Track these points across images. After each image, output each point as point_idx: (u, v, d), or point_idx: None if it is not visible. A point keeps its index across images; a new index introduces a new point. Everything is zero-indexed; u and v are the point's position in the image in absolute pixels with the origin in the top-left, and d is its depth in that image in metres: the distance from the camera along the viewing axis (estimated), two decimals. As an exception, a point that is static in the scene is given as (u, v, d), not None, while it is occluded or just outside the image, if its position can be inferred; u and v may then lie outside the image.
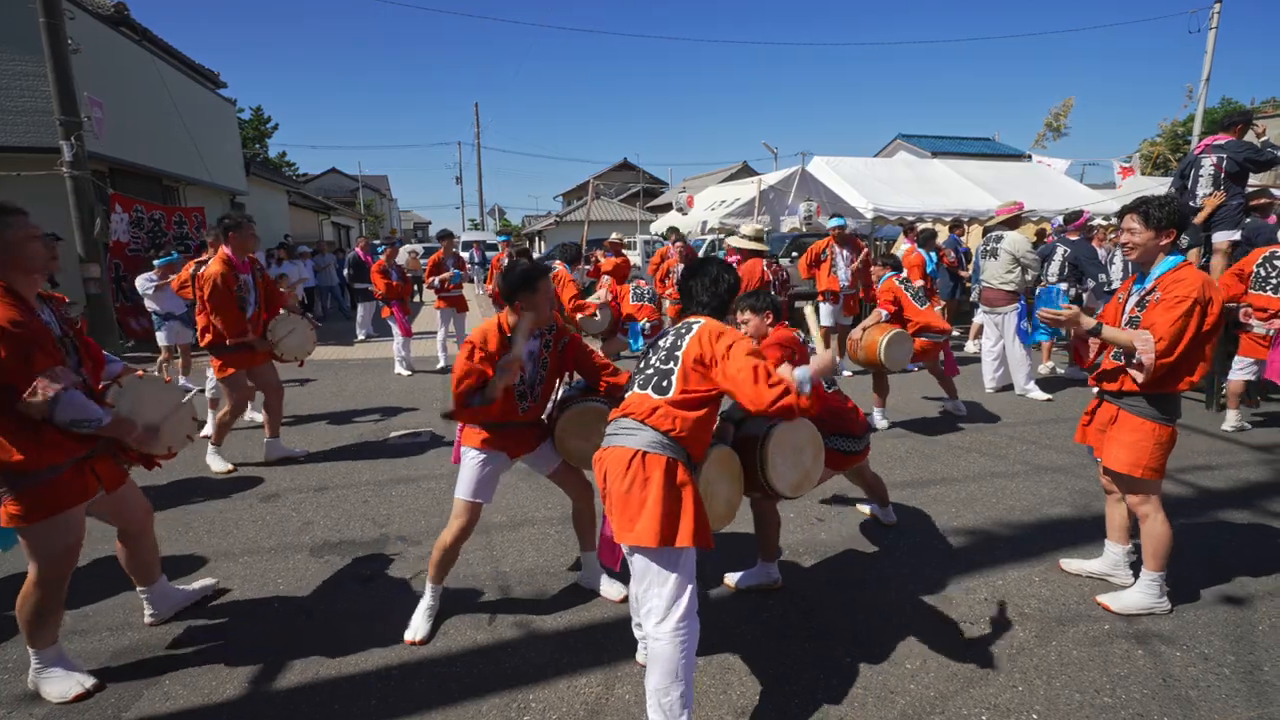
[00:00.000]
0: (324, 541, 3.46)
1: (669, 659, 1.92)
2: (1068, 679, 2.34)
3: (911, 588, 2.96)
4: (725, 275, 2.23)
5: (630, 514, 1.93)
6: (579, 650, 2.52)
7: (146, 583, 2.66)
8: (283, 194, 20.33)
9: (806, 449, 2.42)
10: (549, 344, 2.66)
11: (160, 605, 2.70)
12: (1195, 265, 2.57)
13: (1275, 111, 21.77)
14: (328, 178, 42.25)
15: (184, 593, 2.81)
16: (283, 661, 2.48)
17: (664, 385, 2.04)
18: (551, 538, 3.45)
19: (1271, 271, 4.86)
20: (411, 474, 4.45)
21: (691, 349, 2.03)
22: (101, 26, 10.09)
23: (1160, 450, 2.60)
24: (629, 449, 1.99)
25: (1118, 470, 2.67)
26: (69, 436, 2.12)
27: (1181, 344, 2.44)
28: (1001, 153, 26.98)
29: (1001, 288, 6.14)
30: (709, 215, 10.88)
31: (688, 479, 1.99)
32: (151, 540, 2.65)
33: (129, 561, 2.61)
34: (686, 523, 1.92)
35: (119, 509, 2.48)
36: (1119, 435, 2.66)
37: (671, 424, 1.98)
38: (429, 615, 2.67)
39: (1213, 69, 13.96)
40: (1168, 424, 2.60)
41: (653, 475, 1.94)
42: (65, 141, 8.05)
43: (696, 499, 1.99)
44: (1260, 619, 2.69)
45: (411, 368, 7.84)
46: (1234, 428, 5.14)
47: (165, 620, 2.70)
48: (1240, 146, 5.35)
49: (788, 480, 2.37)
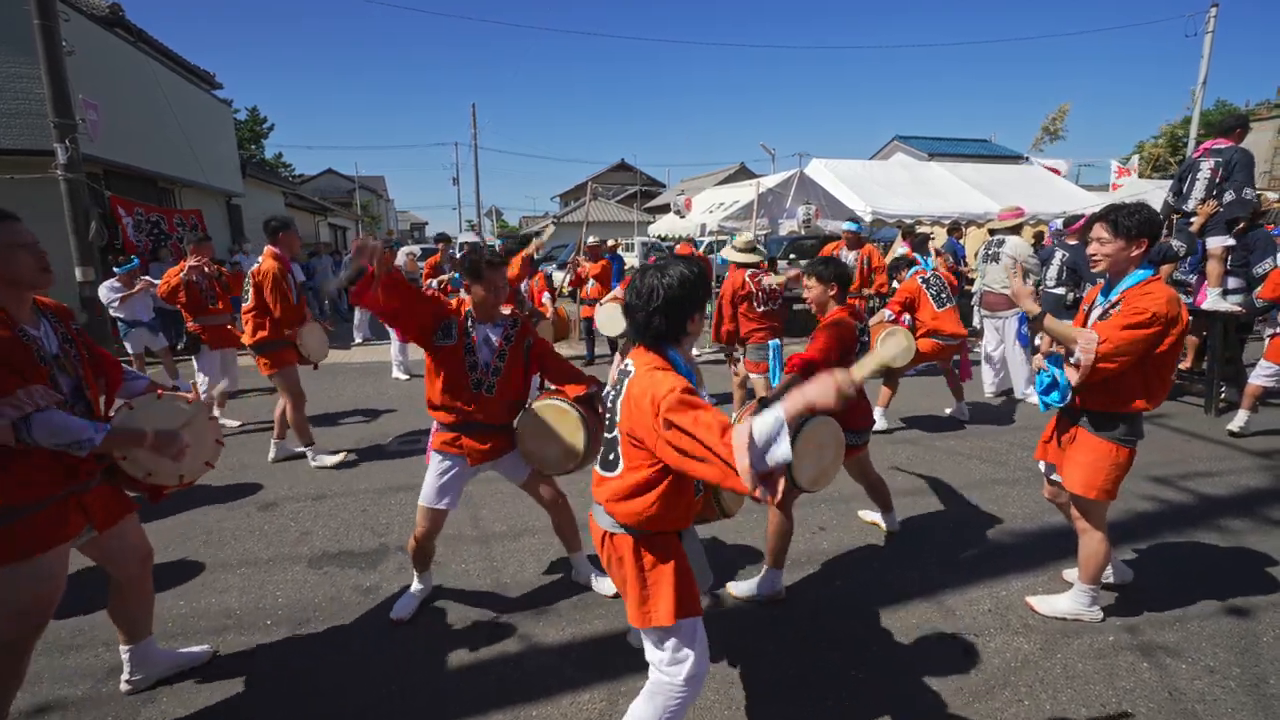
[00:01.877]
0: (323, 552, 3.43)
1: (652, 698, 1.77)
2: (1074, 693, 2.33)
3: (915, 598, 2.94)
4: (660, 280, 1.68)
5: (618, 589, 1.85)
6: (582, 664, 2.50)
7: (131, 639, 2.33)
8: (279, 195, 20.27)
9: (829, 446, 2.37)
10: (510, 337, 2.71)
11: (142, 668, 2.36)
12: (1165, 281, 2.49)
13: (1270, 114, 21.85)
14: (324, 178, 42.05)
15: (173, 657, 2.47)
16: (280, 676, 2.45)
17: (610, 459, 1.78)
18: (553, 548, 3.42)
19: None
20: (411, 481, 4.41)
21: (625, 420, 1.70)
22: (96, 28, 10.03)
23: (1116, 472, 2.54)
24: (600, 527, 1.85)
25: (1071, 490, 2.63)
26: (51, 470, 1.90)
27: (1128, 356, 2.35)
28: (998, 154, 27.05)
29: (1003, 292, 6.14)
30: (707, 218, 10.87)
31: (664, 553, 1.76)
32: (146, 593, 2.33)
33: (114, 610, 2.29)
34: (663, 604, 1.71)
35: (110, 553, 2.18)
36: (1076, 454, 2.61)
37: (624, 515, 1.74)
38: (415, 598, 2.88)
39: (1210, 72, 14.02)
40: (1126, 445, 2.54)
41: (624, 556, 1.78)
42: (60, 144, 7.98)
43: (675, 571, 1.74)
44: (1264, 630, 2.68)
45: (410, 371, 7.80)
46: (1240, 428, 5.11)
47: (144, 688, 2.36)
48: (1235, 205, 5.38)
49: (808, 475, 2.32)
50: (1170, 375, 2.52)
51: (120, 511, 2.17)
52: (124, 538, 2.21)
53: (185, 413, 2.27)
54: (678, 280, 1.68)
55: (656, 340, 1.72)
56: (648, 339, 1.73)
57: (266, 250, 4.49)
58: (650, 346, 1.73)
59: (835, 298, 3.01)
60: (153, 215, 9.93)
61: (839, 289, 2.99)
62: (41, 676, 2.43)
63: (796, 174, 10.37)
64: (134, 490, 2.22)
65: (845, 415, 2.95)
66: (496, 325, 2.69)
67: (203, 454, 2.32)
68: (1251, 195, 5.51)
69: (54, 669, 2.47)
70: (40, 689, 2.37)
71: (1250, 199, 5.43)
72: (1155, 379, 2.46)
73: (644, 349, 1.74)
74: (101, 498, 2.10)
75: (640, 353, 1.74)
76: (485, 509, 3.88)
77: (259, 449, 5.15)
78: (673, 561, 1.76)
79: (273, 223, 4.59)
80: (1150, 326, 2.32)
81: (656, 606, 1.72)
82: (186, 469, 2.25)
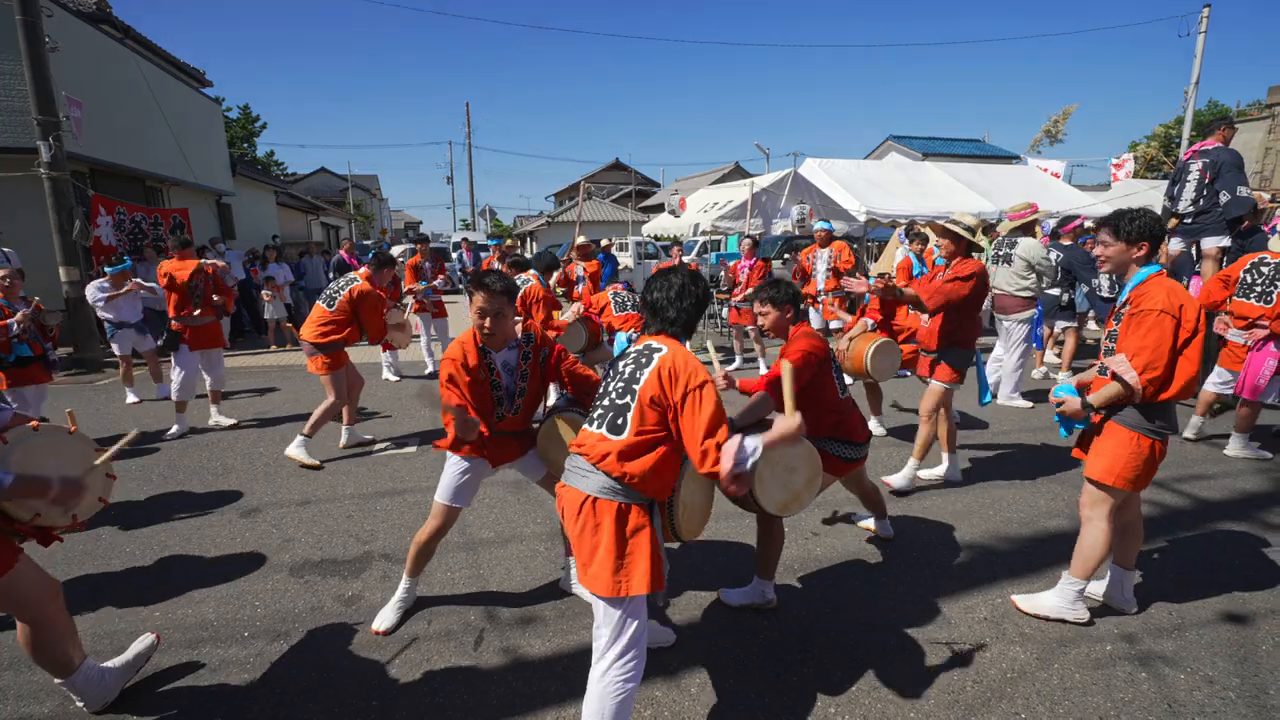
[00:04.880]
0: (305, 560, 3.35)
1: (597, 700, 1.84)
2: (1071, 704, 2.28)
3: (910, 606, 2.89)
4: (693, 286, 2.06)
5: (584, 558, 1.89)
6: (568, 678, 2.43)
7: (63, 675, 2.15)
8: (271, 194, 20.07)
9: (800, 470, 2.33)
10: (528, 355, 2.66)
11: (92, 693, 2.19)
12: (1167, 274, 2.56)
13: (1260, 115, 21.94)
14: (317, 177, 41.76)
15: (118, 669, 2.30)
16: (258, 689, 2.37)
17: (619, 424, 1.91)
18: (540, 555, 3.36)
19: (1257, 278, 4.69)
20: (397, 486, 4.34)
21: (649, 386, 1.88)
22: (81, 24, 9.88)
23: (1138, 461, 2.52)
24: (580, 493, 1.91)
25: (1090, 476, 2.63)
26: None
27: (1162, 355, 2.40)
28: (991, 154, 27.11)
29: (1017, 294, 6.06)
30: (701, 217, 10.81)
31: (643, 522, 1.89)
32: (63, 626, 2.11)
33: (35, 655, 2.08)
34: (638, 572, 1.83)
35: (14, 600, 1.98)
36: (1101, 443, 2.63)
37: (623, 472, 1.87)
38: (399, 607, 2.77)
39: (1203, 73, 14.05)
40: (1153, 435, 2.52)
41: (603, 522, 1.87)
42: (43, 142, 7.88)
43: (652, 542, 1.88)
44: (1263, 638, 2.64)
45: (400, 373, 7.71)
46: (1195, 434, 5.08)
47: (105, 707, 2.24)
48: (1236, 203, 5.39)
49: (774, 500, 2.29)
50: (1195, 364, 2.47)
51: (11, 558, 1.95)
52: (21, 578, 1.98)
53: (73, 442, 2.10)
54: (703, 287, 2.10)
55: (684, 330, 2.05)
56: (675, 329, 2.04)
57: (363, 272, 4.89)
58: (681, 334, 2.04)
59: (792, 319, 2.92)
60: (135, 214, 9.79)
61: (794, 309, 2.92)
62: (6, 693, 2.34)
63: (790, 174, 10.33)
64: (16, 534, 1.99)
65: (845, 430, 2.90)
66: (511, 348, 2.63)
67: (97, 490, 2.14)
68: (1247, 193, 5.49)
69: (19, 685, 2.38)
70: (4, 706, 2.28)
71: (1247, 196, 5.41)
72: (1186, 362, 2.45)
73: (667, 336, 2.02)
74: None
75: (664, 338, 2.01)
76: (472, 515, 3.80)
77: (244, 451, 5.07)
78: (649, 533, 1.89)
79: (381, 256, 5.09)
80: (1159, 321, 2.39)
81: (631, 576, 1.83)
82: (81, 508, 2.05)
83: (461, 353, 2.50)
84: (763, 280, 3.88)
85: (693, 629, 2.74)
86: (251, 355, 9.51)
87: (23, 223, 8.86)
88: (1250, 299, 4.68)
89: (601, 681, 1.85)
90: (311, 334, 4.63)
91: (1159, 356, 2.40)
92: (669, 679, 2.42)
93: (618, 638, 1.85)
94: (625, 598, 1.83)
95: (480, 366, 2.53)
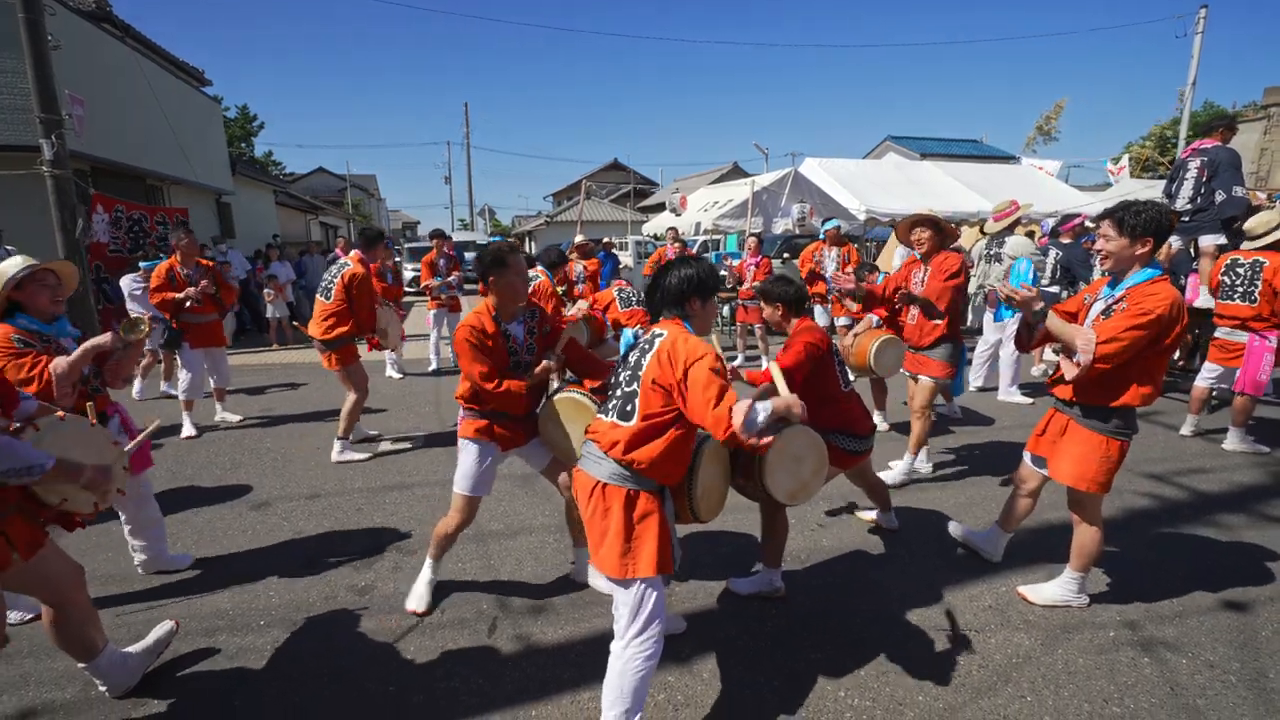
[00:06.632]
0: (316, 551, 3.38)
1: (617, 676, 1.93)
2: (1075, 688, 2.32)
3: (916, 595, 2.93)
4: (682, 270, 2.10)
5: (595, 540, 1.98)
6: (581, 664, 2.47)
7: (86, 659, 2.20)
8: (270, 194, 20.04)
9: (808, 459, 2.37)
10: (533, 330, 2.76)
11: (115, 677, 2.25)
12: (1170, 282, 2.50)
13: (1256, 116, 22.07)
14: (315, 177, 41.69)
15: (139, 654, 2.36)
16: (275, 675, 2.41)
17: (628, 410, 1.98)
18: (550, 546, 3.40)
19: (1236, 280, 4.73)
20: (404, 480, 4.38)
21: (651, 369, 1.95)
22: (83, 22, 9.89)
23: (1106, 464, 2.54)
24: (592, 478, 2.00)
25: (1062, 482, 2.65)
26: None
27: (1127, 354, 2.37)
28: (988, 154, 27.21)
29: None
30: (702, 216, 10.86)
31: (651, 508, 1.96)
32: (86, 610, 2.18)
33: (58, 639, 2.14)
34: (644, 554, 1.91)
35: (43, 581, 2.04)
36: (1067, 447, 2.63)
37: (633, 459, 1.93)
38: (430, 586, 2.86)
39: (1199, 73, 14.15)
40: (1118, 438, 2.54)
41: (612, 507, 1.95)
42: (46, 140, 7.86)
43: (661, 526, 1.95)
44: (1263, 624, 2.69)
45: (403, 370, 7.74)
46: (1191, 431, 5.10)
47: (127, 692, 2.29)
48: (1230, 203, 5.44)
49: (784, 488, 2.34)
50: (1163, 372, 2.52)
51: (40, 539, 2.01)
52: (52, 562, 2.06)
53: (96, 433, 2.19)
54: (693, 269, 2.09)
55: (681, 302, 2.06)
56: (673, 310, 2.08)
57: (354, 255, 4.74)
58: (673, 317, 2.07)
59: (784, 317, 2.97)
60: (134, 213, 9.79)
61: (784, 308, 2.96)
62: (29, 679, 2.37)
63: (791, 173, 10.38)
64: (42, 519, 2.05)
65: (850, 422, 2.94)
66: (518, 321, 2.73)
67: (117, 480, 2.17)
68: (1242, 193, 5.55)
69: (39, 672, 2.42)
70: (27, 692, 2.31)
71: (1242, 196, 5.47)
72: (1147, 375, 2.46)
73: (667, 320, 2.06)
74: (18, 525, 1.93)
75: (665, 323, 2.05)
76: (481, 508, 3.82)
77: (251, 447, 5.10)
78: (657, 518, 1.95)
79: (369, 232, 4.96)
80: (1152, 328, 2.34)
81: (638, 559, 1.90)
82: (102, 496, 2.11)
83: (479, 321, 2.62)
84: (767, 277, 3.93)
85: (703, 617, 2.78)
86: (253, 354, 9.54)
87: (24, 221, 8.86)
88: (1234, 299, 4.74)
89: (622, 657, 1.92)
90: (318, 331, 4.65)
91: (1125, 353, 2.36)
92: (681, 664, 2.46)
93: (635, 617, 1.92)
94: (635, 579, 1.91)
95: (498, 333, 2.64)
